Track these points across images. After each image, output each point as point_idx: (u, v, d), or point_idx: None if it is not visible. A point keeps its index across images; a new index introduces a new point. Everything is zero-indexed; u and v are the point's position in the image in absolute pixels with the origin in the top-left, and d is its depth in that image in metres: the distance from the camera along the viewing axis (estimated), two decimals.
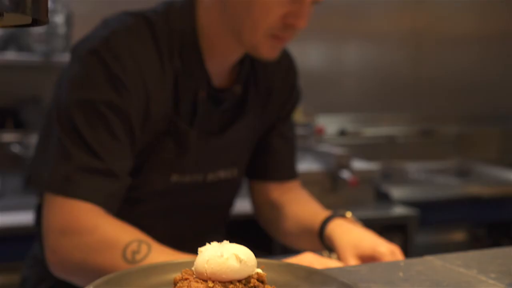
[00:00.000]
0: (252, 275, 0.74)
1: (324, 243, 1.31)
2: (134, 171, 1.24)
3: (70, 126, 1.16)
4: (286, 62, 1.49)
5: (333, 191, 2.76)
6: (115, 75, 1.17)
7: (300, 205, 1.46)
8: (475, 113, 4.07)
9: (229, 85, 1.35)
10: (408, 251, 2.67)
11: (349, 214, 1.34)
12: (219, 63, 1.31)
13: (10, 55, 2.83)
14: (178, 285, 0.73)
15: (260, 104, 1.42)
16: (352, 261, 1.19)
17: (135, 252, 1.11)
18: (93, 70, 1.17)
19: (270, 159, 1.50)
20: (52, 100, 1.24)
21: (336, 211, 1.37)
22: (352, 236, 1.23)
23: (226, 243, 0.76)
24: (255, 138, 1.45)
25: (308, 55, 3.66)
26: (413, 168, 3.58)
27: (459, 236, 3.43)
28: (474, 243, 3.40)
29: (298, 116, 3.38)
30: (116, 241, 1.13)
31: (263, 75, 1.42)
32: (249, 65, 1.38)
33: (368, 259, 1.19)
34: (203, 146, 1.31)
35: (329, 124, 3.58)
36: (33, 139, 2.75)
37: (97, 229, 1.14)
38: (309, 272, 0.87)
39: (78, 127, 1.15)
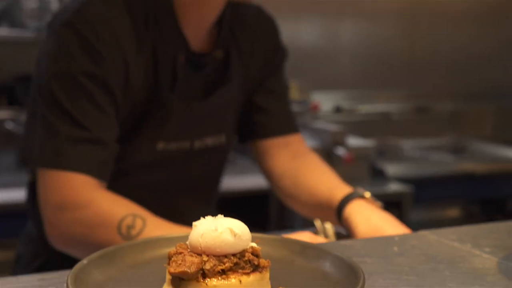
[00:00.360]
0: (247, 249, 0.74)
1: (341, 223, 1.30)
2: (119, 141, 1.24)
3: (52, 100, 1.17)
4: (266, 23, 1.48)
5: None
6: (91, 46, 1.17)
7: (314, 175, 1.42)
8: (470, 90, 4.07)
9: (209, 50, 1.35)
10: None
11: (368, 194, 1.31)
12: (196, 27, 1.30)
13: (3, 31, 2.80)
14: (172, 259, 0.73)
15: (243, 67, 1.41)
16: None
17: (130, 227, 1.11)
18: (68, 42, 1.18)
19: (264, 116, 1.47)
20: (34, 77, 1.25)
21: (355, 189, 1.33)
22: (373, 223, 1.21)
23: (220, 217, 0.76)
24: (240, 102, 1.44)
25: (303, 32, 3.63)
26: (408, 145, 3.58)
27: (453, 212, 3.45)
28: (468, 219, 3.42)
29: (293, 93, 3.37)
30: (110, 215, 1.13)
31: (244, 39, 1.41)
32: (228, 29, 1.37)
33: None
34: (186, 112, 1.30)
35: (324, 101, 3.57)
36: None
37: (92, 204, 1.14)
38: (304, 247, 0.87)
39: (60, 100, 1.16)
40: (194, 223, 0.76)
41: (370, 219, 1.23)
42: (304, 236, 1.13)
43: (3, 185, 2.46)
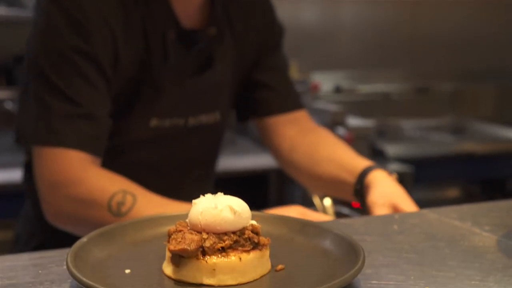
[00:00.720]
0: (247, 226, 0.74)
1: (356, 189, 1.29)
2: (113, 117, 1.23)
3: (42, 76, 1.16)
4: (260, 0, 1.47)
5: None
6: (78, 22, 1.16)
7: (332, 146, 1.41)
8: (471, 70, 4.05)
9: (202, 27, 1.34)
10: None
11: (395, 175, 1.31)
12: (186, 3, 1.29)
13: (1, 11, 2.78)
14: (172, 237, 0.73)
15: (238, 45, 1.40)
16: (381, 209, 1.17)
17: (120, 204, 1.11)
18: (55, 18, 1.17)
19: (268, 93, 1.46)
20: (25, 54, 1.24)
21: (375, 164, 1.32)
22: (391, 195, 1.21)
23: (220, 195, 0.76)
24: (236, 80, 1.43)
25: (303, 12, 3.61)
26: (408, 125, 3.58)
27: (453, 192, 3.46)
28: (468, 199, 3.42)
29: (293, 73, 3.36)
30: (101, 193, 1.13)
31: (238, 16, 1.40)
32: (221, 6, 1.36)
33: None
34: (178, 89, 1.29)
35: (324, 81, 3.56)
36: None
37: (84, 181, 1.14)
38: (303, 224, 0.87)
39: (50, 76, 1.15)
40: (193, 201, 0.76)
41: (391, 191, 1.22)
42: (294, 210, 1.13)
43: (2, 165, 2.45)
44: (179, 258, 0.71)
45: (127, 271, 0.73)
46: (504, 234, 0.94)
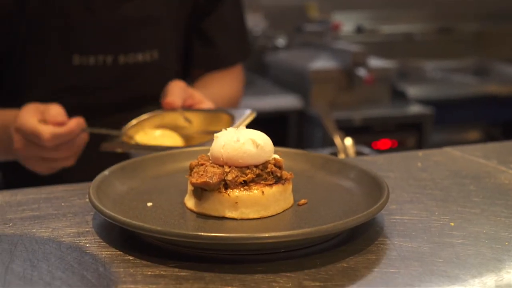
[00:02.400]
0: (269, 160, 0.73)
1: None
2: (33, 57, 1.17)
3: None
4: None
5: (349, 89, 2.73)
6: None
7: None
8: (495, 10, 3.94)
9: None
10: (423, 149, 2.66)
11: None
12: None
13: None
14: (194, 170, 0.72)
15: None
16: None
17: None
18: None
19: (207, 48, 1.37)
20: None
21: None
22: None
23: (242, 128, 0.74)
24: (180, 17, 1.32)
25: None
26: (430, 66, 3.51)
27: (474, 135, 3.41)
28: (489, 142, 3.38)
29: (313, 12, 3.29)
30: None
31: None
32: None
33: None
34: (92, 20, 1.20)
35: (346, 21, 3.48)
36: None
37: None
38: (326, 160, 0.86)
39: None
40: (215, 134, 0.74)
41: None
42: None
43: None
44: (201, 192, 0.70)
45: (149, 204, 0.73)
46: None
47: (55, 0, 1.17)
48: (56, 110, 1.02)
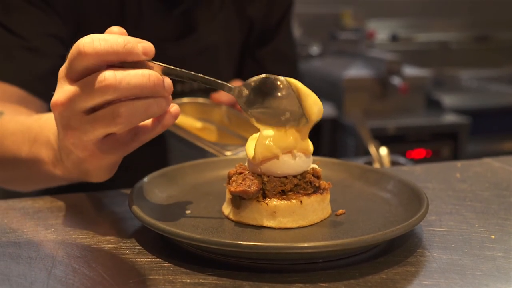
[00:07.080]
0: (308, 170, 0.73)
1: None
2: None
3: None
4: None
5: (383, 98, 2.71)
6: None
7: None
8: None
9: None
10: (459, 160, 2.63)
11: None
12: None
13: None
14: (232, 178, 0.73)
15: (235, 5, 1.30)
16: None
17: None
18: None
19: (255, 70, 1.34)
20: None
21: None
22: None
23: None
24: (235, 46, 1.33)
25: None
26: (466, 75, 3.47)
27: (510, 145, 3.36)
28: None
29: (348, 20, 3.28)
30: None
31: None
32: None
33: None
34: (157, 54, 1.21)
35: (380, 29, 3.47)
36: None
37: None
38: (364, 170, 0.86)
39: None
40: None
41: None
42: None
43: None
44: (239, 200, 0.71)
45: (188, 211, 0.74)
46: None
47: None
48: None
